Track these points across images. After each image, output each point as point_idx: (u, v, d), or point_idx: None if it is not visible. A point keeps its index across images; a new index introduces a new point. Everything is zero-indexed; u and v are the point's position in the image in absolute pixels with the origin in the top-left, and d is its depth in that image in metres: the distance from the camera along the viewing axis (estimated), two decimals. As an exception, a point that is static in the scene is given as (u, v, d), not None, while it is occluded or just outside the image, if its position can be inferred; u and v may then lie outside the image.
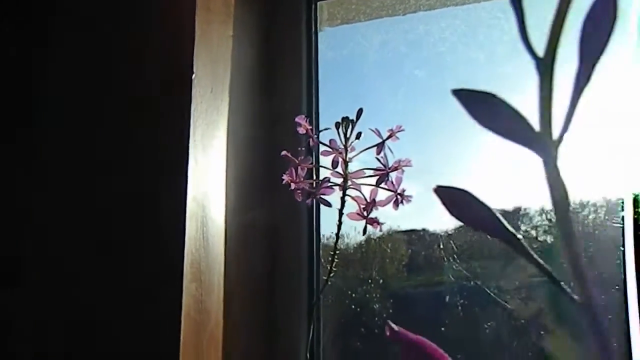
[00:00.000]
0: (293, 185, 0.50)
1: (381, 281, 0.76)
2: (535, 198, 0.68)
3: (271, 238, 0.63)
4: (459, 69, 0.75)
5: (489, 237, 0.22)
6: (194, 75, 0.51)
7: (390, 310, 0.75)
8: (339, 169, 0.51)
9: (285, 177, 0.50)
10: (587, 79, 0.21)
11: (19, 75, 0.59)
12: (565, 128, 0.21)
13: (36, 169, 0.56)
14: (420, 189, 0.75)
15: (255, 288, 0.60)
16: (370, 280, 0.77)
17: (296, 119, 0.52)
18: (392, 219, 0.75)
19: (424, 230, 0.74)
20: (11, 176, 0.56)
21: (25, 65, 0.59)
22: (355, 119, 0.52)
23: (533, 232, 0.70)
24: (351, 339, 0.76)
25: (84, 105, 0.55)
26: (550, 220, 0.69)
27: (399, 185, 0.51)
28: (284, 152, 0.51)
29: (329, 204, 0.51)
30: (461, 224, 0.65)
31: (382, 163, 0.51)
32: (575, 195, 0.65)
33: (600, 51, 0.21)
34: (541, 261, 0.22)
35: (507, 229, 0.23)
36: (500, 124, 0.20)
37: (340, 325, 0.74)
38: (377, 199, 0.50)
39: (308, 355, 0.57)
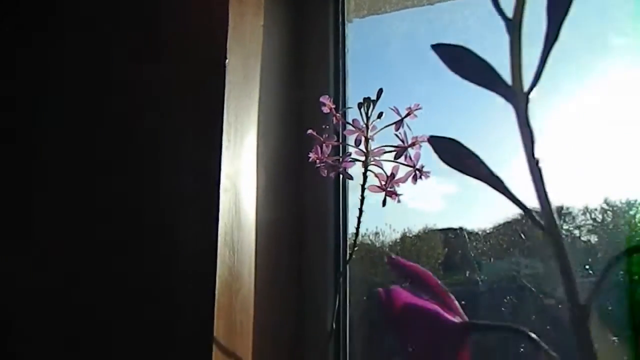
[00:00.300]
0: (318, 161, 0.55)
1: None
2: (578, 196, 0.67)
3: (300, 216, 0.67)
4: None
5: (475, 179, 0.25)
6: (227, 61, 0.56)
7: None
8: (361, 146, 0.55)
9: (311, 154, 0.54)
10: (555, 37, 0.24)
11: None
12: (535, 82, 0.24)
13: (101, 145, 0.61)
14: (457, 187, 0.75)
15: (284, 260, 0.65)
16: (406, 277, 0.78)
17: (320, 99, 0.56)
18: (429, 217, 0.78)
19: (461, 228, 0.74)
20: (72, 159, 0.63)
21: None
22: (375, 99, 0.56)
23: (576, 232, 0.69)
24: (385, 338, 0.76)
25: (136, 90, 0.61)
26: (594, 220, 0.68)
27: (417, 160, 0.54)
28: (309, 131, 0.55)
29: (350, 177, 0.55)
30: (499, 222, 0.70)
31: (400, 139, 0.54)
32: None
33: (565, 12, 0.24)
34: (518, 199, 0.25)
35: (492, 172, 0.26)
36: (473, 73, 0.24)
37: (372, 325, 0.74)
38: (397, 175, 0.54)
39: (334, 324, 0.61)
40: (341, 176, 0.59)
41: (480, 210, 0.72)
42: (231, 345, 0.54)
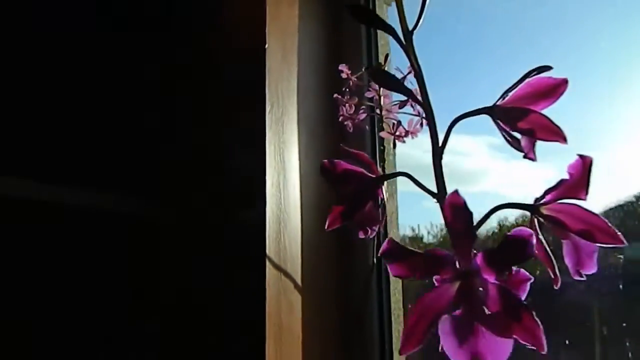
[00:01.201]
0: (342, 118, 0.67)
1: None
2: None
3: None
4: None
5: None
6: (266, 45, 0.71)
7: (530, 298, 0.78)
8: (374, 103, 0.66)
9: (340, 112, 0.67)
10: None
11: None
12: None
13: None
14: (556, 171, 0.78)
15: (329, 239, 0.76)
16: None
17: (339, 67, 0.69)
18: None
19: None
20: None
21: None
22: (383, 63, 0.67)
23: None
24: None
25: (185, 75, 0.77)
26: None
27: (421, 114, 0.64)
28: (335, 94, 0.68)
29: (362, 126, 0.66)
30: (609, 205, 0.67)
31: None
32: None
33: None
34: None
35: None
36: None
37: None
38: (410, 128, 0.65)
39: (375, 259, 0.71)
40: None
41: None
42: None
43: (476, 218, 0.28)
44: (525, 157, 0.32)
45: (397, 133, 0.63)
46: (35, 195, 0.65)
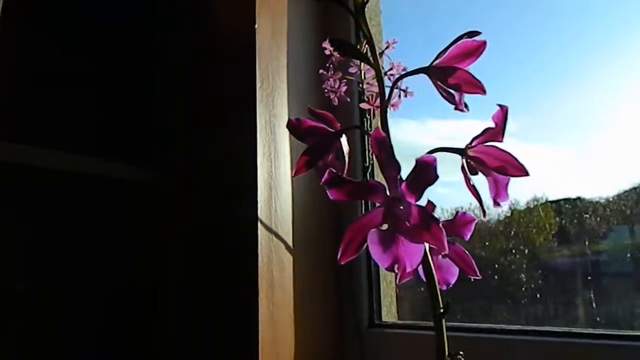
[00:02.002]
0: (326, 91, 0.73)
1: (527, 251, 0.78)
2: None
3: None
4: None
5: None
6: (256, 25, 0.77)
7: (540, 281, 0.75)
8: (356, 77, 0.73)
9: (324, 86, 0.73)
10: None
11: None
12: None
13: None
14: (571, 154, 0.74)
15: (319, 203, 0.83)
16: (514, 251, 0.78)
17: (323, 44, 0.76)
18: (538, 188, 0.78)
19: (578, 198, 0.74)
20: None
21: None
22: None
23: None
24: (498, 310, 0.78)
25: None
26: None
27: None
28: (320, 70, 0.74)
29: (346, 99, 0.73)
30: (624, 188, 0.67)
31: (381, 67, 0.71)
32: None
33: None
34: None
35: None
36: None
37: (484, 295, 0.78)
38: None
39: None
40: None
41: (600, 176, 0.69)
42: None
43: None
44: (456, 108, 0.39)
45: (376, 104, 0.70)
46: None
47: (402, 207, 0.32)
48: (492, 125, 0.39)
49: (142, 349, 0.79)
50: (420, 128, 0.93)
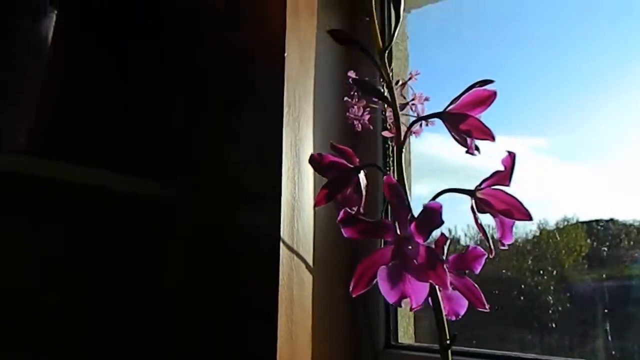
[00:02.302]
0: (350, 118, 0.77)
1: (555, 273, 0.76)
2: None
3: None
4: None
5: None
6: (286, 54, 0.82)
7: (568, 304, 0.74)
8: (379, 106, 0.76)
9: (348, 113, 0.77)
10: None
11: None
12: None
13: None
14: (607, 174, 0.73)
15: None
16: (542, 272, 0.77)
17: (348, 73, 0.79)
18: (568, 207, 0.77)
19: (611, 219, 0.72)
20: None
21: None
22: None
23: None
24: (522, 332, 0.76)
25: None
26: None
27: (422, 112, 0.73)
28: (345, 98, 0.78)
29: (368, 126, 0.76)
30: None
31: (403, 97, 0.74)
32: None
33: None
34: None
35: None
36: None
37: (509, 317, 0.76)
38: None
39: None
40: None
41: (635, 198, 0.68)
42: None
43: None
44: (467, 152, 0.42)
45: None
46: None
47: (410, 247, 0.35)
48: (502, 168, 0.41)
49: None
50: (448, 142, 0.95)
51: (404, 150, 0.90)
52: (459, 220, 0.88)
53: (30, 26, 0.66)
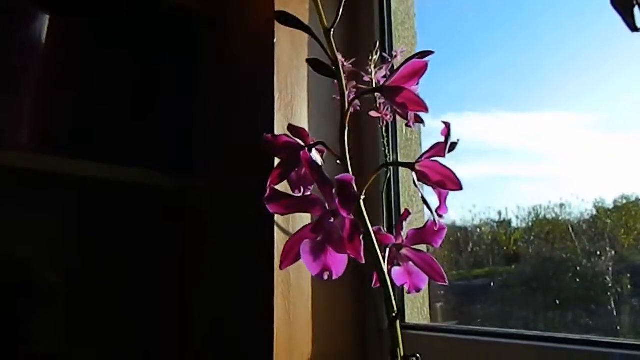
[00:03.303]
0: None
1: (613, 253, 0.74)
2: None
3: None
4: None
5: None
6: (275, 39, 0.83)
7: (629, 286, 0.72)
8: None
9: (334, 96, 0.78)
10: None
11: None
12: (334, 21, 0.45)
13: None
14: None
15: None
16: (599, 253, 0.75)
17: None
18: (626, 185, 0.75)
19: None
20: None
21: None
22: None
23: None
24: (578, 314, 0.74)
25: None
26: None
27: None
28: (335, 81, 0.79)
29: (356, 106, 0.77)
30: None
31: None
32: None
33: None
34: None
35: None
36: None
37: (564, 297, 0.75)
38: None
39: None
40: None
41: None
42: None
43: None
44: (407, 125, 0.42)
45: (384, 112, 0.73)
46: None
47: (332, 220, 0.36)
48: (442, 139, 0.42)
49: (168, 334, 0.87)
50: (489, 121, 0.93)
51: (403, 131, 0.92)
52: (509, 203, 0.87)
53: (25, 29, 0.71)
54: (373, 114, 0.76)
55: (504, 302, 0.87)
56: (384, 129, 0.80)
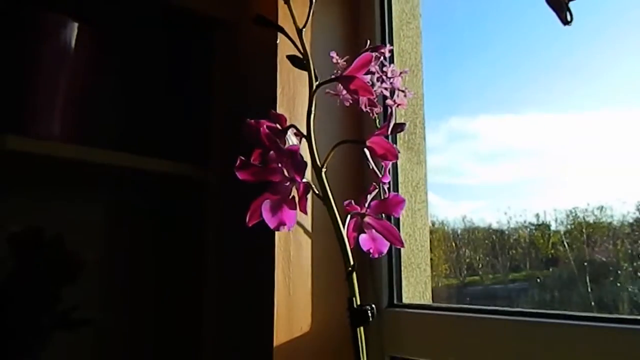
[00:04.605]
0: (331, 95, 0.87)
1: None
2: None
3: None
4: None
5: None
6: (278, 41, 0.93)
7: None
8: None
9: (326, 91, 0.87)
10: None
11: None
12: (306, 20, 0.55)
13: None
14: None
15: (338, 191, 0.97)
16: None
17: (330, 53, 0.89)
18: None
19: None
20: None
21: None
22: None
23: None
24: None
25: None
26: None
27: (398, 86, 0.82)
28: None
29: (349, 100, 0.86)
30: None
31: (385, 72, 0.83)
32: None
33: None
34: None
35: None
36: None
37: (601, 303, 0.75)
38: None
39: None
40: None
41: None
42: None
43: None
44: (360, 110, 0.52)
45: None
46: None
47: (287, 184, 0.46)
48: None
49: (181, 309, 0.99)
50: (524, 122, 0.93)
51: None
52: (547, 206, 0.89)
53: (56, 33, 0.83)
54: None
55: (541, 305, 0.89)
56: (377, 121, 0.89)
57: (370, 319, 0.51)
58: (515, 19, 0.96)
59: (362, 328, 0.51)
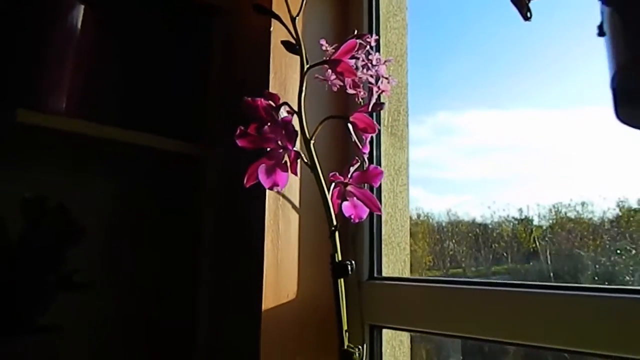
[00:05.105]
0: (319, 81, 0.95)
1: (634, 252, 0.75)
2: None
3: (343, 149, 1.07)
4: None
5: None
6: (271, 28, 1.01)
7: None
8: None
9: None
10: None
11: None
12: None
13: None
14: None
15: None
16: (620, 252, 0.76)
17: (320, 41, 0.97)
18: None
19: None
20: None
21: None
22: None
23: None
24: None
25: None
26: None
27: (383, 73, 0.90)
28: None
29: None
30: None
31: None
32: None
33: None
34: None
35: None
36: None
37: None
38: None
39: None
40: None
41: None
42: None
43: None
44: (347, 91, 0.60)
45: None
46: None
47: (280, 151, 0.54)
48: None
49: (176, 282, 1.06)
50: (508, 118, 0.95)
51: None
52: (530, 201, 0.92)
53: (64, 16, 0.90)
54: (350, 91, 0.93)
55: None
56: (362, 104, 0.97)
57: (350, 273, 0.59)
58: (501, 16, 0.98)
59: (342, 280, 0.59)
